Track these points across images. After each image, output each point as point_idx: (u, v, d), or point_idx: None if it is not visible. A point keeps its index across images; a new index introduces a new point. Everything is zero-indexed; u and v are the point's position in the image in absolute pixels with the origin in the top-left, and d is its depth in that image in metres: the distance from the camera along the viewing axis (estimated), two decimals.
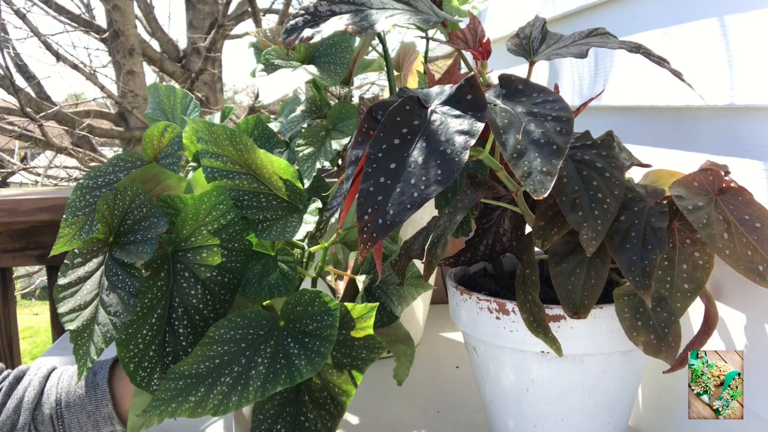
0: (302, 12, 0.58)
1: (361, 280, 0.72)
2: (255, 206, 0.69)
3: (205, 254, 0.65)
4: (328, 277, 0.78)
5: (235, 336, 0.60)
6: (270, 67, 0.88)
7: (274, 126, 0.97)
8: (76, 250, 0.65)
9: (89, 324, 0.60)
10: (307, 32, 0.57)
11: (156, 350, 0.63)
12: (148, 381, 0.63)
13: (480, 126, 0.46)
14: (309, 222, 0.68)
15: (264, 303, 0.69)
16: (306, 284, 0.75)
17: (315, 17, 0.58)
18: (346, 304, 0.63)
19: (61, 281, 0.63)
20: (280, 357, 0.58)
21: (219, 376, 0.58)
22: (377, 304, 0.64)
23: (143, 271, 0.63)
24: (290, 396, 0.62)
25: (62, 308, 0.61)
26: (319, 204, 0.70)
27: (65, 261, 0.65)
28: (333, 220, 0.69)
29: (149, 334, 0.63)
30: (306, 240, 0.73)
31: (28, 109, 4.04)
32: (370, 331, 0.62)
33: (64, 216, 0.73)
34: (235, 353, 0.59)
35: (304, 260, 0.78)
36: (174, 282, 0.64)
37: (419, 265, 0.79)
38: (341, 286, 0.76)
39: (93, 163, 4.41)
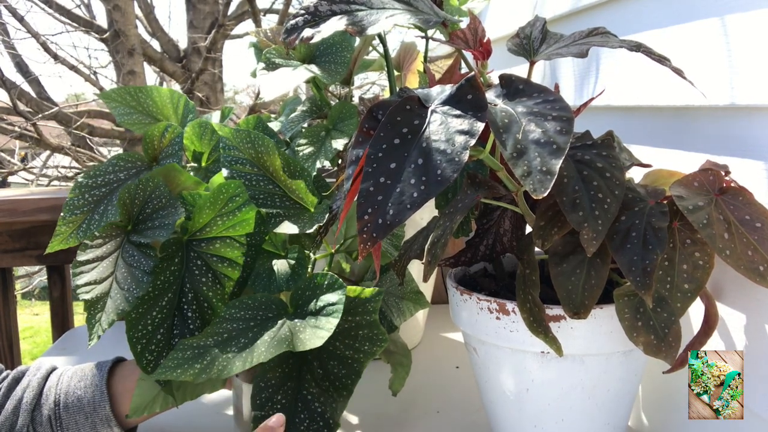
0: (302, 12, 0.59)
1: (368, 288, 0.72)
2: (269, 205, 0.72)
3: (218, 245, 0.67)
4: None
5: (245, 316, 0.63)
6: (271, 66, 0.88)
7: (275, 125, 0.97)
8: (96, 233, 0.68)
9: (103, 297, 0.63)
10: (307, 32, 0.57)
11: (164, 334, 0.65)
12: (154, 365, 0.65)
13: (480, 126, 0.46)
14: (320, 219, 0.71)
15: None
16: None
17: (315, 17, 0.58)
18: (354, 288, 0.64)
19: (81, 257, 0.66)
20: (287, 331, 0.61)
21: (226, 346, 0.60)
22: (384, 289, 0.65)
23: (158, 252, 0.66)
24: (292, 373, 0.64)
25: (79, 281, 0.65)
26: (326, 204, 0.73)
27: (85, 241, 0.68)
28: (334, 223, 0.69)
29: (159, 317, 0.65)
30: (312, 250, 0.74)
31: (25, 108, 4.04)
32: (376, 318, 0.63)
33: (61, 214, 0.74)
34: (243, 330, 0.62)
35: (309, 265, 0.79)
36: (186, 269, 0.67)
37: (419, 281, 0.79)
38: None
39: (91, 163, 4.41)
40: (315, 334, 0.59)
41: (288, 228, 0.70)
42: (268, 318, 0.63)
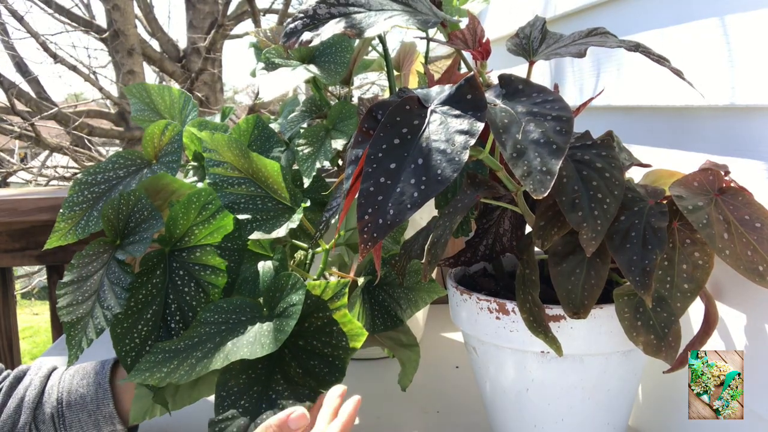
0: (301, 15, 0.58)
1: (360, 281, 0.72)
2: (251, 209, 0.72)
3: (199, 253, 0.67)
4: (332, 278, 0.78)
5: (218, 319, 0.63)
6: (270, 66, 0.88)
7: (274, 126, 0.97)
8: (83, 252, 0.67)
9: (84, 317, 0.63)
10: (306, 35, 0.57)
11: (152, 345, 0.65)
12: None
13: (480, 126, 0.46)
14: (294, 220, 0.71)
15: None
16: None
17: (314, 20, 0.58)
18: (318, 282, 0.64)
19: (66, 279, 0.66)
20: (249, 335, 0.61)
21: (193, 351, 0.61)
22: (348, 280, 0.65)
23: (138, 267, 0.66)
24: (259, 378, 0.63)
25: (61, 302, 0.64)
26: (307, 203, 0.72)
27: (72, 261, 0.67)
28: (333, 220, 0.69)
29: (145, 329, 0.65)
30: (310, 243, 0.74)
31: (24, 108, 4.04)
32: (345, 311, 0.63)
33: (60, 211, 0.74)
34: (214, 334, 0.62)
35: (307, 262, 0.78)
36: (169, 280, 0.67)
37: None
38: None
39: (90, 163, 4.41)
40: (275, 338, 0.59)
41: (261, 234, 0.69)
42: (240, 321, 0.63)
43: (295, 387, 0.62)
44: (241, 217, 0.71)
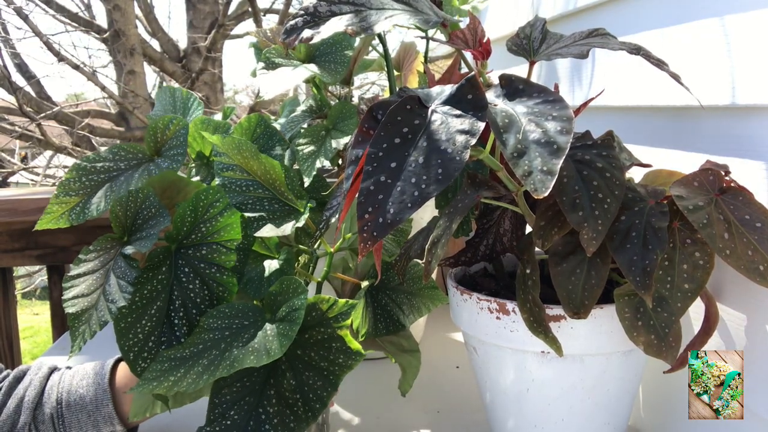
0: (302, 12, 0.59)
1: (363, 284, 0.72)
2: (258, 209, 0.72)
3: (205, 251, 0.67)
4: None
5: (221, 325, 0.63)
6: (270, 66, 0.88)
7: (275, 126, 0.97)
8: (90, 247, 0.68)
9: (88, 310, 0.63)
10: (306, 33, 0.57)
11: (155, 341, 0.65)
12: None
13: (481, 125, 0.46)
14: (300, 220, 0.71)
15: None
16: (311, 289, 0.75)
17: (315, 18, 0.58)
18: (326, 297, 0.64)
19: (72, 272, 0.66)
20: (254, 342, 0.60)
21: (198, 358, 0.60)
22: (357, 301, 0.65)
23: (144, 263, 0.66)
24: (253, 387, 0.63)
25: (68, 294, 0.64)
26: (312, 204, 0.72)
27: (79, 255, 0.67)
28: (333, 220, 0.69)
29: (148, 325, 0.65)
30: (314, 245, 0.74)
31: (28, 109, 4.04)
32: (347, 332, 0.63)
33: (55, 192, 0.73)
34: (218, 340, 0.62)
35: (311, 265, 0.78)
36: (174, 276, 0.67)
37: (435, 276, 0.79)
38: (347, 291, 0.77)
39: None
40: (281, 343, 0.59)
41: (268, 231, 0.70)
42: (243, 326, 0.63)
43: (285, 407, 0.61)
44: (248, 215, 0.71)
